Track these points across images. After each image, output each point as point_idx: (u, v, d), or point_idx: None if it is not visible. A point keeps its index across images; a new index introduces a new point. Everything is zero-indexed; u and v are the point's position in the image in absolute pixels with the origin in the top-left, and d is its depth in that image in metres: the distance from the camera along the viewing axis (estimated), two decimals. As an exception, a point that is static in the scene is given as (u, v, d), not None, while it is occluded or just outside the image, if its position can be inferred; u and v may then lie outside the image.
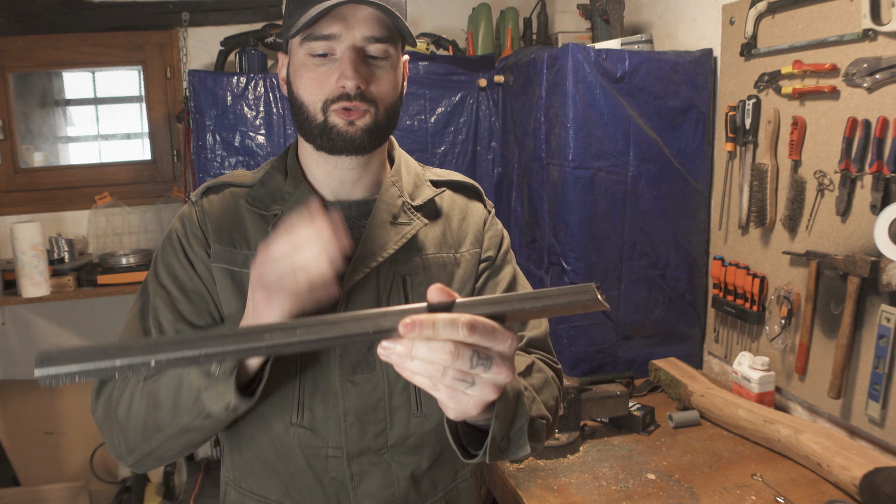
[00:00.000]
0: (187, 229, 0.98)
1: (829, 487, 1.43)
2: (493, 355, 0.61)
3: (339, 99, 0.90)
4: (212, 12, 2.63)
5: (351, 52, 0.89)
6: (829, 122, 1.62)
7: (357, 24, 0.89)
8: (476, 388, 0.62)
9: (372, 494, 0.98)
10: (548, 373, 0.99)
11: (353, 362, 0.95)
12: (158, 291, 0.96)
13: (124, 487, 2.68)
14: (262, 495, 1.01)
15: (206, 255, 0.97)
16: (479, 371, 0.61)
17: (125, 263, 2.50)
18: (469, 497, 1.09)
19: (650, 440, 1.69)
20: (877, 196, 1.48)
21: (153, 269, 0.99)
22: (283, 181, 1.00)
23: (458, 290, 1.01)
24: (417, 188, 1.04)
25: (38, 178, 2.69)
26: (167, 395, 0.85)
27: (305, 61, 0.91)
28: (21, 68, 2.63)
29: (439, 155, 2.39)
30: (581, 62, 1.89)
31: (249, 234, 0.97)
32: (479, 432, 0.79)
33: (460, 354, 0.59)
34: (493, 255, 1.06)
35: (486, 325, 0.60)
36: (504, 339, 0.61)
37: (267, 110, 2.24)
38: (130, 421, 0.89)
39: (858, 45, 1.52)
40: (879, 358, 1.50)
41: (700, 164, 2.04)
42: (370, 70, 0.91)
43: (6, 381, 2.73)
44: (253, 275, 0.80)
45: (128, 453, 0.92)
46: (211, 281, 0.96)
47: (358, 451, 0.96)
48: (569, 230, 1.96)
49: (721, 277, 1.97)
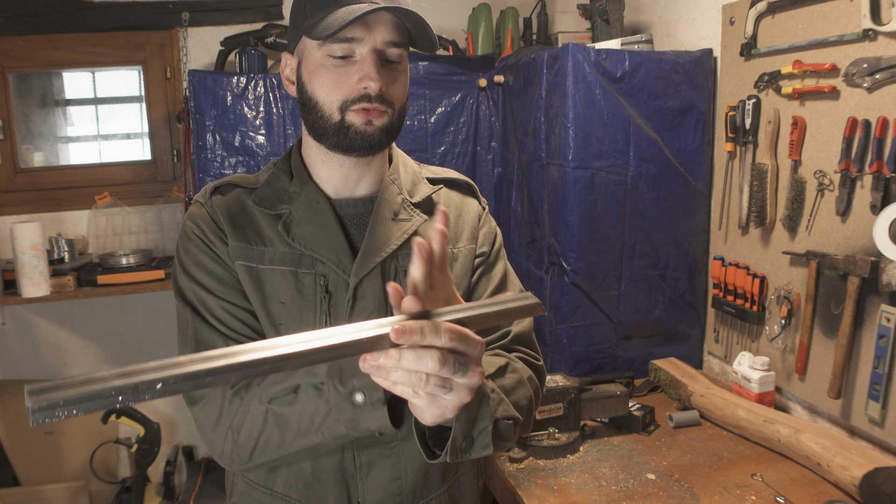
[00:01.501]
0: (203, 227, 0.99)
1: (829, 487, 1.43)
2: (469, 361, 0.66)
3: (359, 100, 0.92)
4: (212, 12, 2.63)
5: (373, 55, 0.91)
6: (829, 122, 1.62)
7: (378, 28, 0.91)
8: (453, 392, 0.67)
9: (379, 486, 1.00)
10: (524, 373, 0.99)
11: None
12: (198, 291, 0.96)
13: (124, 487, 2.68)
14: (270, 487, 1.03)
15: (226, 249, 0.98)
16: (457, 377, 0.65)
17: (125, 263, 2.50)
18: (469, 489, 1.12)
19: (650, 440, 1.69)
20: (877, 196, 1.48)
21: (182, 271, 0.98)
22: (288, 182, 1.02)
23: (455, 284, 1.01)
24: (415, 185, 1.06)
25: (38, 178, 2.69)
26: (300, 420, 0.86)
27: (324, 62, 0.93)
28: (21, 68, 2.63)
29: (439, 155, 2.39)
30: (581, 62, 1.89)
31: (264, 231, 0.99)
32: (445, 432, 0.82)
33: (445, 361, 0.63)
34: (488, 252, 1.09)
35: (463, 331, 0.64)
36: (475, 345, 0.66)
37: (267, 110, 2.24)
38: (252, 439, 0.89)
39: (858, 45, 1.52)
40: (879, 358, 1.50)
41: (700, 164, 2.04)
42: (388, 73, 0.94)
43: (6, 381, 2.73)
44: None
45: (238, 462, 0.92)
46: (235, 271, 0.98)
47: (369, 442, 0.98)
48: (569, 230, 1.96)
49: (721, 277, 1.97)
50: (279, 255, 0.97)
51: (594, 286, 2.00)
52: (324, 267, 0.97)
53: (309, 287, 0.97)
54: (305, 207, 0.99)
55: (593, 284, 2.00)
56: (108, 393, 0.51)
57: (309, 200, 0.99)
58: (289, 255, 0.97)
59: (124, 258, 2.51)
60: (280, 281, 0.97)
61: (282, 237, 0.98)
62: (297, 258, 0.97)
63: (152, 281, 2.48)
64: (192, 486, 2.61)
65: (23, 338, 2.73)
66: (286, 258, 0.97)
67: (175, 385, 0.53)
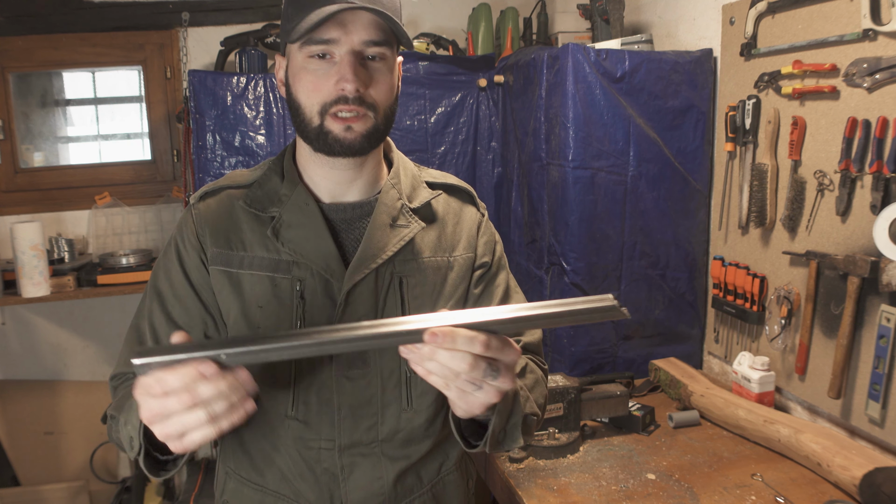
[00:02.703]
0: (184, 236, 1.02)
1: (829, 487, 1.43)
2: (501, 367, 0.71)
3: (336, 102, 0.91)
4: (212, 12, 2.63)
5: (350, 55, 0.90)
6: (829, 122, 1.62)
7: (356, 28, 0.90)
8: (482, 392, 0.72)
9: (361, 486, 1.02)
10: (538, 373, 1.06)
11: (348, 358, 0.98)
12: (154, 297, 1.02)
13: (124, 487, 2.68)
14: (261, 484, 1.04)
15: (202, 261, 1.00)
16: (487, 379, 0.70)
17: (125, 263, 2.50)
18: (455, 489, 1.13)
19: (650, 440, 1.69)
20: (877, 196, 1.48)
21: (153, 274, 1.05)
22: (279, 183, 1.02)
23: (450, 292, 1.04)
24: (415, 190, 1.06)
25: (38, 178, 2.69)
26: (122, 444, 0.91)
27: (304, 64, 0.92)
28: (21, 68, 2.63)
29: (439, 155, 2.39)
30: (581, 62, 1.89)
31: (245, 235, 1.00)
32: (476, 424, 0.90)
33: (476, 365, 0.68)
34: (489, 262, 1.09)
35: (499, 340, 0.69)
36: (511, 353, 0.71)
37: (267, 110, 2.24)
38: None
39: (858, 45, 1.52)
40: (879, 358, 1.50)
41: (700, 164, 2.04)
42: (368, 73, 0.92)
43: (6, 381, 2.73)
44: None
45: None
46: (208, 287, 1.00)
47: (349, 443, 1.00)
48: (569, 230, 1.96)
49: (721, 277, 1.97)
50: (257, 261, 0.98)
51: (594, 286, 2.00)
52: (301, 271, 0.97)
53: (286, 291, 0.97)
54: (295, 211, 0.99)
55: (593, 284, 2.00)
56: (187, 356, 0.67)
57: (299, 203, 0.99)
58: (266, 261, 0.98)
59: (124, 258, 2.51)
60: (258, 286, 0.98)
61: (263, 241, 0.99)
62: (274, 263, 0.98)
63: (152, 281, 2.48)
64: (191, 486, 2.61)
65: (23, 338, 2.73)
66: (263, 263, 0.98)
67: (236, 358, 0.68)
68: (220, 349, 0.67)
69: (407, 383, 1.01)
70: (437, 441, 1.07)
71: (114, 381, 1.03)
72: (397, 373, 1.01)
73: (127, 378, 1.01)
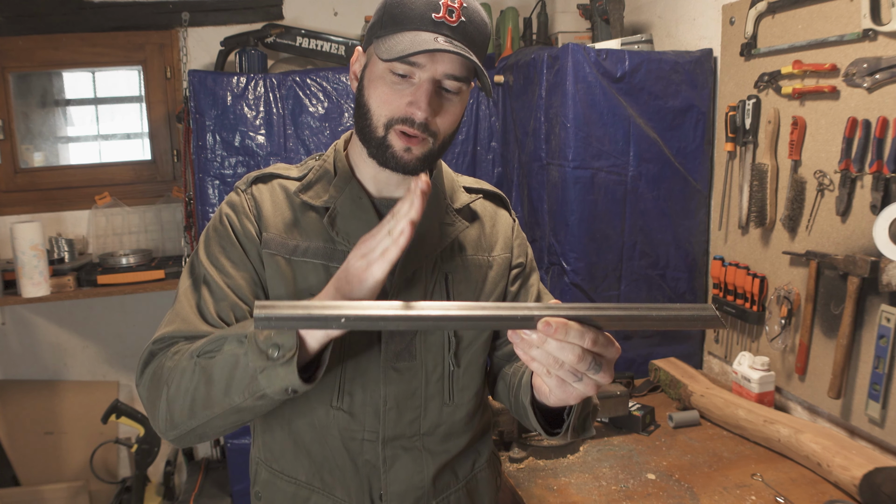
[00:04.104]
0: (239, 215, 1.02)
1: (829, 487, 1.43)
2: (604, 362, 0.73)
3: (403, 121, 0.93)
4: (212, 12, 2.63)
5: (429, 83, 0.92)
6: (829, 122, 1.62)
7: (442, 60, 0.91)
8: (582, 384, 0.74)
9: (402, 479, 1.04)
10: None
11: (396, 350, 1.01)
12: (210, 269, 0.99)
13: (124, 487, 2.68)
14: (293, 476, 1.06)
15: (258, 240, 1.01)
16: (589, 373, 0.72)
17: (125, 263, 2.50)
18: (486, 486, 1.16)
19: (650, 440, 1.69)
20: (877, 196, 1.48)
21: (204, 249, 1.02)
22: (333, 177, 1.05)
23: (490, 290, 1.08)
24: (455, 192, 1.10)
25: (38, 178, 2.69)
26: (221, 373, 0.85)
27: (384, 75, 0.94)
28: (21, 68, 2.63)
29: (439, 155, 2.39)
30: (581, 62, 1.89)
31: (300, 224, 1.01)
32: (541, 413, 0.94)
33: (583, 358, 0.70)
34: (524, 262, 1.15)
35: (605, 337, 0.72)
36: (613, 351, 0.74)
37: (267, 110, 2.24)
38: (179, 395, 0.89)
39: (858, 45, 1.52)
40: (879, 358, 1.50)
41: (700, 164, 2.04)
42: (440, 102, 0.94)
43: (6, 381, 2.73)
44: (359, 246, 0.85)
45: (171, 427, 0.92)
46: (260, 265, 1.01)
47: (393, 436, 1.02)
48: (569, 230, 1.96)
49: (721, 277, 1.97)
50: (312, 250, 0.99)
51: (594, 286, 2.00)
52: None
53: None
54: (349, 203, 1.01)
55: (593, 284, 2.00)
56: (305, 318, 0.68)
57: (352, 196, 1.01)
58: (322, 250, 0.99)
59: (124, 258, 2.51)
60: (311, 273, 0.99)
61: (318, 230, 1.00)
62: (330, 252, 0.99)
63: (152, 281, 2.48)
64: (192, 486, 2.61)
65: (23, 338, 2.73)
66: (319, 252, 0.99)
67: (354, 322, 0.68)
68: (341, 311, 0.68)
69: (450, 377, 1.04)
70: (472, 437, 1.11)
71: (156, 344, 0.99)
72: (441, 367, 1.03)
73: (174, 340, 0.97)
